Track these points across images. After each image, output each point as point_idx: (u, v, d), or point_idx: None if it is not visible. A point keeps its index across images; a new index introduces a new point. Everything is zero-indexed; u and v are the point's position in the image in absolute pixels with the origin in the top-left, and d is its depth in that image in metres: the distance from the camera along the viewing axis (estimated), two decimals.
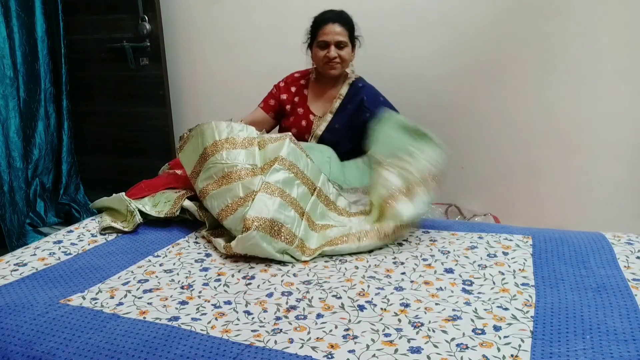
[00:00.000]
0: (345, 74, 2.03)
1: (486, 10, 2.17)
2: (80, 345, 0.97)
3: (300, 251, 1.38)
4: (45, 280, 1.24)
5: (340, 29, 1.92)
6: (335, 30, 1.91)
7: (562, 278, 1.20)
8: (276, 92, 2.10)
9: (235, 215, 1.42)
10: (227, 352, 0.94)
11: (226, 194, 1.47)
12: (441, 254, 1.35)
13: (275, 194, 1.43)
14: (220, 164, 1.51)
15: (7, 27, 2.46)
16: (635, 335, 0.96)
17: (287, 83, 2.10)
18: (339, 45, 1.92)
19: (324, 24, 1.92)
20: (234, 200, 1.44)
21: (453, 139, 2.35)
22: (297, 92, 2.07)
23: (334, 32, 1.91)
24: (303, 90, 2.07)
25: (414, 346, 0.96)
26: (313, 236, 1.46)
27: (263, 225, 1.34)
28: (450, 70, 2.28)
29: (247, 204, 1.41)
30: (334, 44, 1.92)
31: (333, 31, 1.91)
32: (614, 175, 2.17)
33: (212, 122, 1.60)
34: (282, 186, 1.47)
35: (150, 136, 2.74)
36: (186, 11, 2.62)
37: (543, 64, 2.15)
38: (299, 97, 2.07)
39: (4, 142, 2.44)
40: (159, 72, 2.63)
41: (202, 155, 1.56)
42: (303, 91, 2.07)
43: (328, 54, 1.92)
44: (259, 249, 1.33)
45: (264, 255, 1.35)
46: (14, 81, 2.49)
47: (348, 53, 1.95)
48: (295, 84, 2.09)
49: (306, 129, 2.02)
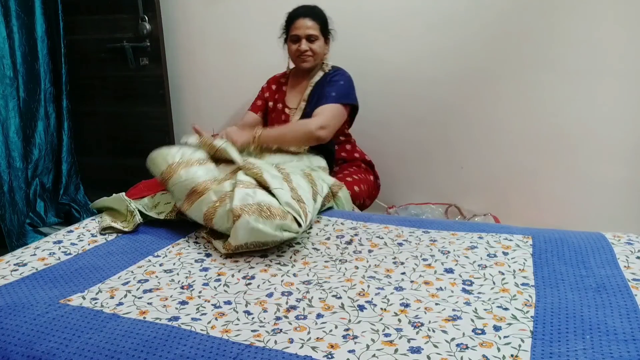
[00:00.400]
0: (320, 66, 2.10)
1: (484, 12, 2.18)
2: (80, 345, 0.97)
3: (298, 218, 1.38)
4: (45, 280, 1.24)
5: (311, 23, 2.00)
6: (307, 24, 1.99)
7: (562, 278, 1.20)
8: (261, 92, 2.21)
9: (219, 213, 1.41)
10: (227, 352, 0.94)
11: (201, 205, 1.47)
12: (441, 254, 1.35)
13: (252, 187, 1.43)
14: (181, 183, 1.51)
15: (7, 27, 2.46)
16: (635, 335, 0.96)
17: (269, 82, 2.22)
18: (309, 38, 2.00)
19: (296, 19, 2.01)
20: (210, 206, 1.44)
21: (453, 139, 2.36)
22: (277, 90, 2.18)
23: (305, 26, 1.99)
24: (282, 87, 2.18)
25: (414, 346, 0.96)
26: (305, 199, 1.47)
27: (252, 209, 1.34)
28: (449, 71, 2.28)
29: (226, 202, 1.41)
30: (305, 38, 1.99)
31: (304, 25, 1.99)
32: (614, 175, 2.17)
33: (162, 148, 1.61)
34: (255, 181, 1.47)
35: (150, 136, 2.74)
36: (186, 11, 2.62)
37: (542, 65, 2.15)
38: (279, 94, 2.16)
39: (4, 142, 2.44)
40: (159, 72, 2.63)
41: (161, 182, 1.57)
42: (282, 88, 2.17)
43: (299, 47, 2.00)
44: (257, 232, 1.32)
45: (265, 240, 1.34)
46: (13, 81, 2.49)
47: (320, 46, 2.02)
48: (275, 82, 2.20)
49: (285, 122, 2.08)
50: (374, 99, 2.36)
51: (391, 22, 2.29)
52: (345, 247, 1.42)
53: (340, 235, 1.50)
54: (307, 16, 2.00)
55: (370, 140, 2.43)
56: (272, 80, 2.23)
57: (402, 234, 1.50)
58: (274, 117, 2.14)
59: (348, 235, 1.50)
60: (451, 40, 2.24)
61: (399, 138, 2.43)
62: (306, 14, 2.01)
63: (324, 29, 2.03)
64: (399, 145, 2.44)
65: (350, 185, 1.97)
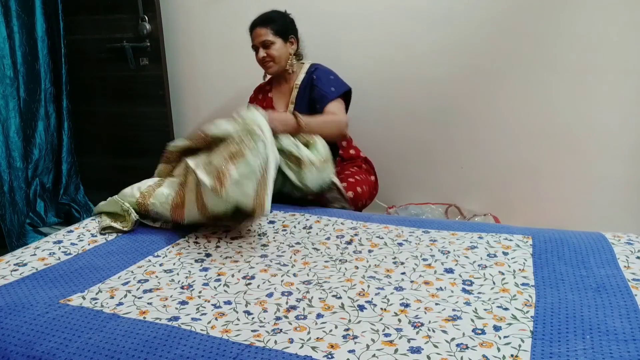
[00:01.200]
0: (300, 66, 2.14)
1: (485, 10, 2.17)
2: (80, 345, 0.97)
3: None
4: (45, 280, 1.24)
5: (263, 30, 2.04)
6: (259, 33, 2.05)
7: (562, 278, 1.20)
8: (249, 103, 2.23)
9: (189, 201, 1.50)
10: (227, 352, 0.94)
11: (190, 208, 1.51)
12: (441, 254, 1.35)
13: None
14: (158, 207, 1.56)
15: (7, 27, 2.46)
16: (635, 335, 0.96)
17: (255, 92, 2.27)
18: (264, 45, 2.04)
19: (252, 31, 2.08)
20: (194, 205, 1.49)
21: (453, 138, 2.36)
22: (263, 98, 2.21)
23: (258, 35, 2.05)
24: (267, 94, 2.21)
25: (414, 346, 0.96)
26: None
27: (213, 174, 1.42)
28: (450, 70, 2.28)
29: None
30: (260, 46, 2.05)
31: (257, 34, 2.05)
32: (614, 175, 2.17)
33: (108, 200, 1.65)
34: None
35: (150, 136, 2.74)
36: (186, 11, 2.62)
37: (543, 63, 2.15)
38: (265, 101, 2.19)
39: (4, 142, 2.44)
40: (159, 72, 2.63)
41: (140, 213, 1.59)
42: (268, 95, 2.21)
43: (258, 56, 2.08)
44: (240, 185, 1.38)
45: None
46: (14, 81, 2.49)
47: (278, 49, 2.05)
48: (260, 91, 2.25)
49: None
50: (374, 98, 2.36)
51: (391, 21, 2.29)
52: (345, 247, 1.42)
53: (340, 235, 1.50)
54: (258, 25, 2.06)
55: (371, 139, 2.42)
56: (257, 89, 2.27)
57: (402, 234, 1.50)
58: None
59: (348, 235, 1.50)
60: (452, 39, 2.24)
61: (399, 137, 2.42)
62: (257, 24, 2.06)
63: (280, 31, 2.05)
64: (399, 144, 2.44)
65: (352, 186, 1.97)
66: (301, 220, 1.62)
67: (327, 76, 2.07)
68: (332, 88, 2.02)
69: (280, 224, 1.59)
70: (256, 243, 1.45)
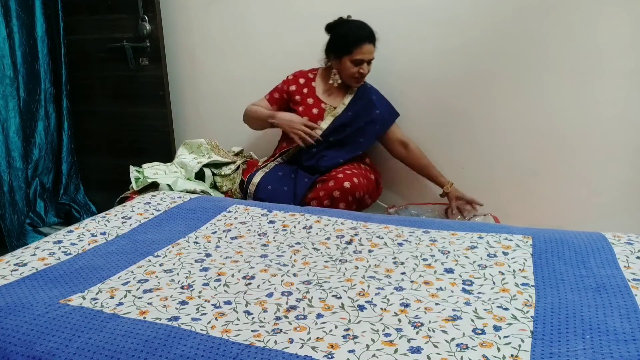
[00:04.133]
0: None
1: (486, 13, 2.17)
2: (80, 345, 0.97)
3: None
4: (45, 280, 1.24)
5: (372, 47, 2.11)
6: (371, 50, 2.10)
7: (562, 278, 1.20)
8: (283, 85, 2.26)
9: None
10: (227, 352, 0.94)
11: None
12: (441, 254, 1.35)
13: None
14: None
15: (7, 27, 2.46)
16: (635, 335, 0.96)
17: (295, 76, 2.27)
18: (369, 62, 2.11)
19: (362, 43, 2.07)
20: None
21: (453, 139, 2.36)
22: (305, 84, 2.24)
23: (370, 52, 2.10)
24: (311, 82, 2.24)
25: (414, 346, 0.96)
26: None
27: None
28: (450, 72, 2.28)
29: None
30: (367, 62, 2.11)
31: (369, 50, 2.09)
32: (614, 176, 2.17)
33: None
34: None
35: (150, 136, 2.74)
36: (186, 11, 2.62)
37: (543, 65, 2.15)
38: (308, 88, 2.23)
39: (4, 142, 2.44)
40: (159, 72, 2.63)
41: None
42: (311, 84, 2.24)
43: (362, 71, 2.11)
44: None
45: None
46: (14, 81, 2.49)
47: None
48: (303, 77, 2.26)
49: (317, 116, 2.17)
50: None
51: (392, 23, 2.29)
52: (345, 247, 1.42)
53: (340, 235, 1.50)
54: (371, 42, 2.09)
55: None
56: (299, 74, 2.27)
57: (402, 234, 1.50)
58: (303, 110, 2.18)
59: (348, 235, 1.50)
60: (452, 41, 2.24)
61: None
62: (371, 39, 2.08)
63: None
64: None
65: (349, 177, 1.98)
66: (301, 220, 1.62)
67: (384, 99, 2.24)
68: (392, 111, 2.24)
69: (280, 224, 1.59)
70: (256, 243, 1.45)
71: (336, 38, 2.14)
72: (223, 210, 1.70)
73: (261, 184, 2.06)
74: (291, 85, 2.24)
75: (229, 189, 2.27)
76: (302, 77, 2.25)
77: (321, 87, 2.23)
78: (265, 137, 2.58)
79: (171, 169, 2.30)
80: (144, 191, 2.13)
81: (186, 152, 2.43)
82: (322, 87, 2.22)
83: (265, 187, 2.05)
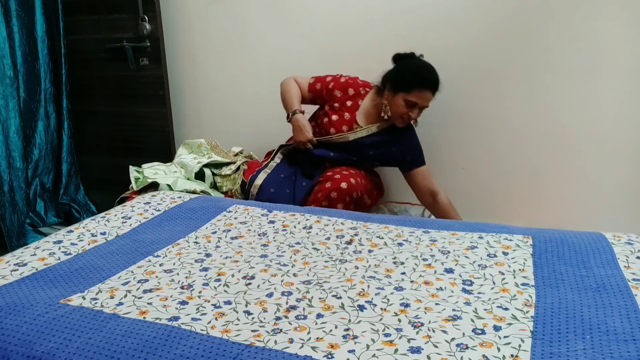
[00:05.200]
0: None
1: (486, 12, 2.17)
2: (80, 345, 0.97)
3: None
4: (45, 280, 1.24)
5: (432, 97, 2.00)
6: (429, 98, 1.99)
7: (562, 278, 1.20)
8: (330, 82, 2.15)
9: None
10: (227, 352, 0.94)
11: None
12: (441, 254, 1.35)
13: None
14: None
15: (7, 27, 2.46)
16: (635, 335, 0.96)
17: (348, 83, 2.15)
18: (422, 108, 2.00)
19: (424, 87, 1.96)
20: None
21: (454, 139, 2.36)
22: (353, 97, 2.12)
23: (427, 99, 1.99)
24: (359, 100, 2.12)
25: (414, 346, 0.96)
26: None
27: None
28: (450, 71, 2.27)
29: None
30: (420, 109, 2.00)
31: (427, 98, 1.98)
32: (614, 176, 2.17)
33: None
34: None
35: (150, 136, 2.74)
36: (186, 11, 2.62)
37: (543, 65, 2.15)
38: (352, 102, 2.12)
39: (4, 142, 2.44)
40: (159, 72, 2.63)
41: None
42: (358, 101, 2.12)
43: (411, 114, 1.99)
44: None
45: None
46: (14, 81, 2.49)
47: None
48: (354, 88, 2.14)
49: (342, 131, 2.10)
50: None
51: (393, 24, 2.29)
52: (345, 247, 1.42)
53: (340, 235, 1.50)
54: (433, 90, 1.98)
55: None
56: (352, 82, 2.15)
57: (402, 234, 1.50)
58: (337, 121, 2.10)
59: (348, 235, 1.50)
60: (452, 41, 2.24)
61: None
62: (433, 87, 1.98)
63: None
64: None
65: (346, 178, 1.97)
66: (301, 220, 1.62)
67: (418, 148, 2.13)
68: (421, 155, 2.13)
69: (280, 224, 1.59)
70: (256, 243, 1.45)
71: (400, 71, 2.02)
72: (223, 210, 1.70)
73: (263, 186, 2.06)
74: (337, 90, 2.13)
75: (229, 189, 2.27)
76: (353, 89, 2.13)
77: (364, 107, 2.11)
78: (266, 137, 2.58)
79: (171, 169, 2.29)
80: (144, 191, 2.13)
81: (186, 152, 2.42)
82: (365, 108, 2.11)
83: (268, 189, 2.05)
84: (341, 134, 2.09)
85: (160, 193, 1.89)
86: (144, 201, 1.78)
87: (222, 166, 2.35)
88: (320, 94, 2.16)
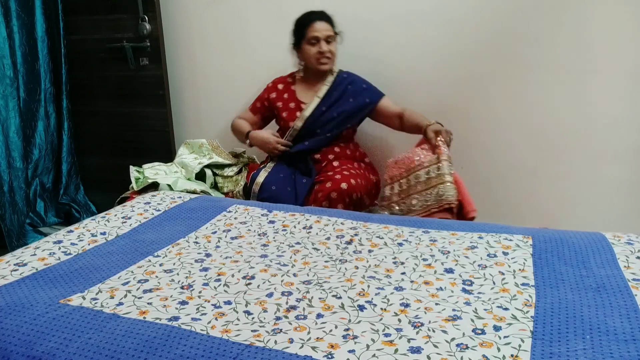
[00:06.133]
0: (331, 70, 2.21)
1: (484, 13, 2.18)
2: (80, 345, 0.97)
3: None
4: (45, 280, 1.24)
5: (327, 26, 2.11)
6: (325, 27, 2.10)
7: (562, 278, 1.20)
8: (264, 93, 2.29)
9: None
10: (227, 352, 0.94)
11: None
12: (441, 254, 1.35)
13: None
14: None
15: (7, 27, 2.46)
16: (635, 335, 0.96)
17: (274, 82, 2.29)
18: (328, 40, 2.10)
19: (312, 22, 2.10)
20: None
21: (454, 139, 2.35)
22: (285, 89, 2.25)
23: (323, 29, 2.10)
24: (290, 86, 2.26)
25: (414, 346, 0.96)
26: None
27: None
28: (450, 72, 2.29)
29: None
30: (324, 39, 2.09)
31: (323, 28, 2.10)
32: (614, 176, 2.17)
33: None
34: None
35: (150, 136, 2.74)
36: (186, 11, 2.62)
37: (542, 65, 2.15)
38: (288, 93, 2.24)
39: (4, 142, 2.44)
40: (159, 72, 2.63)
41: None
42: (290, 87, 2.26)
43: (320, 49, 2.09)
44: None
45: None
46: (14, 81, 2.49)
47: (335, 47, 2.14)
48: (282, 82, 2.28)
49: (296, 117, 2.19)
50: None
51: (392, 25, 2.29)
52: (345, 247, 1.42)
53: (340, 235, 1.50)
54: (322, 19, 2.10)
55: (371, 139, 2.43)
56: (278, 80, 2.30)
57: (402, 234, 1.50)
58: (287, 116, 2.21)
59: (348, 235, 1.50)
60: (452, 42, 2.24)
61: (399, 138, 2.42)
62: (321, 18, 2.11)
63: (335, 29, 2.14)
64: (399, 145, 2.43)
65: (347, 178, 1.98)
66: (301, 220, 1.62)
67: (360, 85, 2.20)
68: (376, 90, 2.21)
69: (280, 224, 1.59)
70: (256, 243, 1.45)
71: (293, 29, 2.17)
72: (223, 210, 1.70)
73: (265, 184, 2.07)
74: (271, 92, 2.27)
75: (230, 190, 2.27)
76: (281, 83, 2.28)
77: (300, 88, 2.24)
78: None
79: (171, 169, 2.29)
80: (144, 191, 2.13)
81: (187, 152, 2.42)
82: (301, 88, 2.24)
83: (269, 186, 2.06)
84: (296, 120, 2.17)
85: (160, 193, 1.89)
86: (144, 201, 1.78)
87: (223, 167, 2.36)
88: (264, 108, 2.29)
